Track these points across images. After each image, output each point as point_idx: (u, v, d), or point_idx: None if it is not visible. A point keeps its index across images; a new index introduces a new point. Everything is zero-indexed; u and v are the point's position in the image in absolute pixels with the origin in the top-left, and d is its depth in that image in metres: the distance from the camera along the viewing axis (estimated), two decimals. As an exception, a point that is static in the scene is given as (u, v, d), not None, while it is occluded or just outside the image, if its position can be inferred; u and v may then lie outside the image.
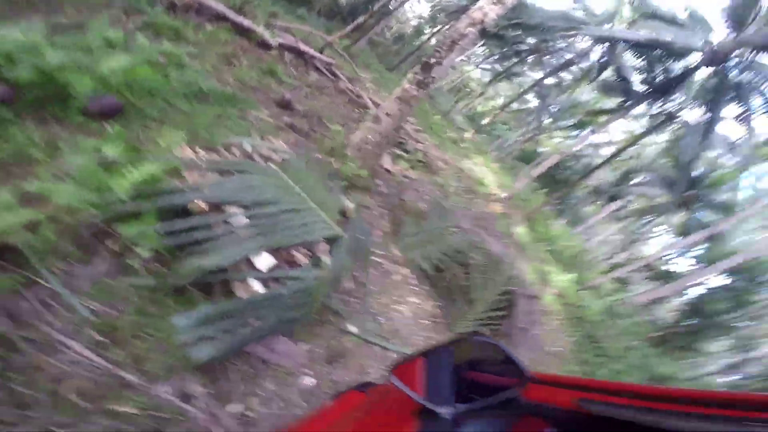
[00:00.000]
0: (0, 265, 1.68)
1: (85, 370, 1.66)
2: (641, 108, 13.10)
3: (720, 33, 10.36)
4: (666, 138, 16.19)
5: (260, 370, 2.35)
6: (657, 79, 11.32)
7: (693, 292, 16.59)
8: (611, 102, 15.09)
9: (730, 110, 10.57)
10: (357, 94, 8.15)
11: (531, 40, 17.29)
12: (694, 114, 11.75)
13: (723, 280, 15.62)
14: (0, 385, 1.46)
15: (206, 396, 1.96)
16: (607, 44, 13.70)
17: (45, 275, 1.76)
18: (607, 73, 14.44)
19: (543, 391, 0.77)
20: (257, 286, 2.27)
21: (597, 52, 15.52)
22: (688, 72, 10.77)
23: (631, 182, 17.19)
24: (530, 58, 18.77)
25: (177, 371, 1.89)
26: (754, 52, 9.46)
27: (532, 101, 24.97)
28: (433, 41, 20.56)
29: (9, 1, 3.90)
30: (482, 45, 20.67)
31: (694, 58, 10.63)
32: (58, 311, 1.74)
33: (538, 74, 19.57)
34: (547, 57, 18.02)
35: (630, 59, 12.65)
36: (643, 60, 11.60)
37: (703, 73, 10.94)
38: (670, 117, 12.13)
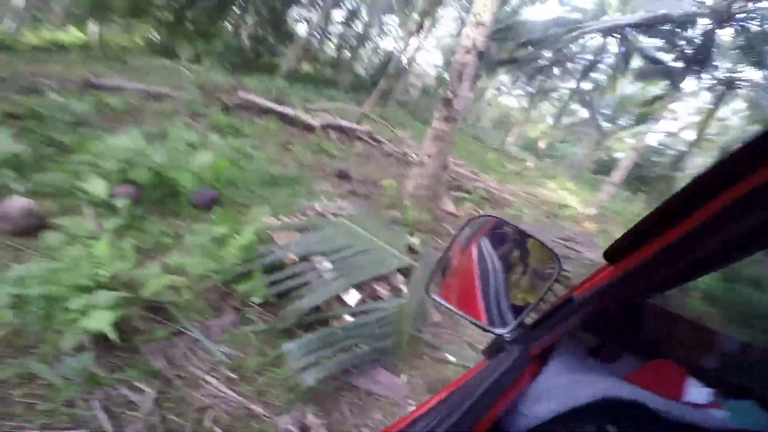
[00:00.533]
0: (157, 319, 2.20)
1: (221, 402, 1.95)
2: (693, 84, 12.40)
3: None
4: (743, 105, 14.73)
5: (367, 402, 2.49)
6: (686, 52, 10.86)
7: None
8: (658, 88, 14.32)
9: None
10: (401, 152, 8.75)
11: (546, 54, 17.35)
12: (755, 74, 10.91)
13: None
14: (156, 413, 1.79)
15: (322, 426, 2.13)
16: (617, 35, 13.49)
17: (188, 327, 2.23)
18: (637, 61, 13.97)
19: (588, 283, 0.76)
20: (349, 319, 2.53)
21: (613, 45, 15.25)
22: (707, 36, 10.33)
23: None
24: (555, 71, 18.72)
25: (294, 403, 2.11)
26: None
27: (581, 111, 24.24)
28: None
29: (106, 115, 5.33)
30: (505, 73, 21.08)
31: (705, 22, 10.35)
32: (200, 354, 2.14)
33: (572, 84, 19.33)
34: (569, 64, 17.87)
35: (647, 41, 12.30)
36: (659, 38, 11.30)
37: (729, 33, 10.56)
38: (728, 83, 11.24)
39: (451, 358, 3.15)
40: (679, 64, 11.53)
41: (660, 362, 0.98)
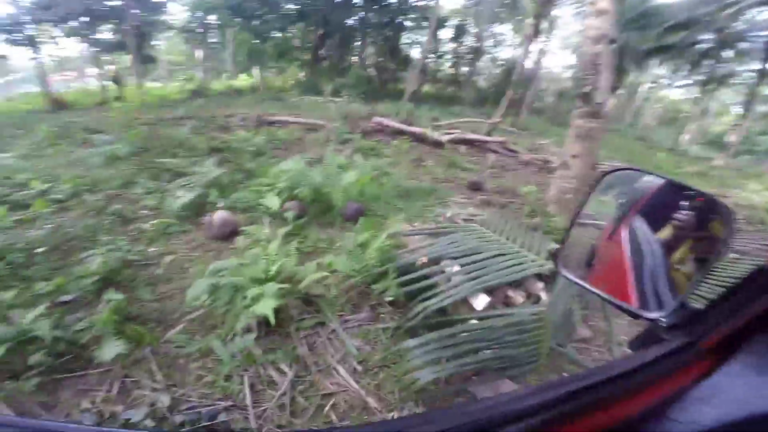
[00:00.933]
0: (308, 310, 2.59)
1: (344, 392, 2.11)
2: None
3: None
4: None
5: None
6: None
7: None
8: None
9: None
10: (542, 159, 8.12)
11: (704, 36, 13.90)
12: None
13: None
14: (289, 393, 2.01)
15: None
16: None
17: (330, 319, 2.54)
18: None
19: None
20: (474, 323, 2.43)
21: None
22: None
23: None
24: (726, 53, 14.88)
25: (406, 402, 2.12)
26: None
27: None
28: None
29: (276, 145, 6.75)
30: (659, 64, 17.78)
31: None
32: (336, 345, 2.40)
33: (755, 65, 14.96)
34: (742, 44, 14.01)
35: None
36: None
37: None
38: None
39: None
40: None
41: None
